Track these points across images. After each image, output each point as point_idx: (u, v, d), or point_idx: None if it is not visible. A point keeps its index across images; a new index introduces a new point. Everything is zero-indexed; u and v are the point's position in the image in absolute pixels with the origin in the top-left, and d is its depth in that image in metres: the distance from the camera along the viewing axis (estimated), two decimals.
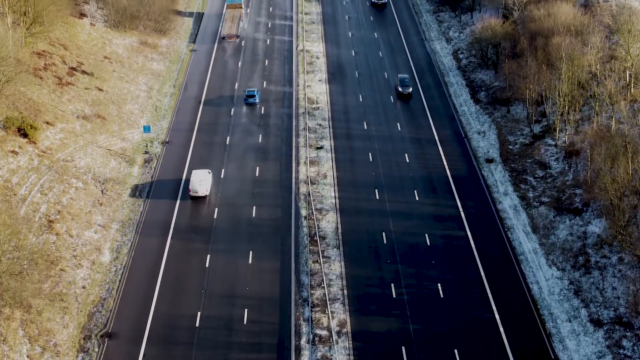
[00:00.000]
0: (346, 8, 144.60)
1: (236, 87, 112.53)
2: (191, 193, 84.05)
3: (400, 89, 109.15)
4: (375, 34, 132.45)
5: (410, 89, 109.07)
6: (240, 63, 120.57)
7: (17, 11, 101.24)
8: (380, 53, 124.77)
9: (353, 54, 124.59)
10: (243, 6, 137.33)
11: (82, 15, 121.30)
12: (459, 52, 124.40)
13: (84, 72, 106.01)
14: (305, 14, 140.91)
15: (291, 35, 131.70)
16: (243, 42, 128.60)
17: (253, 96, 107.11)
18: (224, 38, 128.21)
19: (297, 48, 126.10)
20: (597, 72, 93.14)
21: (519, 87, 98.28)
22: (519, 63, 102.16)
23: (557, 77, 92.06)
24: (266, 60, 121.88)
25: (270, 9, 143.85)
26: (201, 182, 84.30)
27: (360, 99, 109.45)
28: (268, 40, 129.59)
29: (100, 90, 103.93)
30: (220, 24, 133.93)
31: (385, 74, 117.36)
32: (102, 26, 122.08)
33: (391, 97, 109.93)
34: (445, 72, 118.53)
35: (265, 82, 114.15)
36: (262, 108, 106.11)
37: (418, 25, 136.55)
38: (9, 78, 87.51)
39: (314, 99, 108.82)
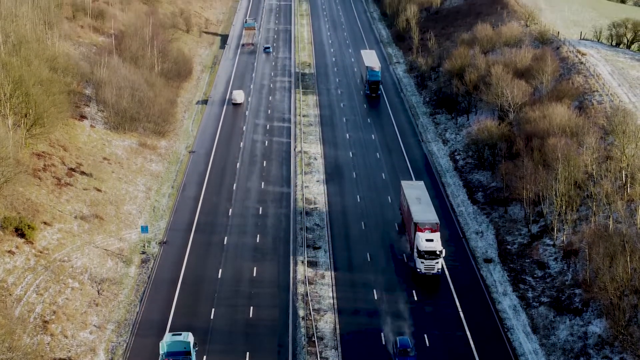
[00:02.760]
0: (344, 110, 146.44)
1: (234, 187, 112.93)
2: None
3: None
4: (373, 135, 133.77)
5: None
6: (238, 164, 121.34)
7: (19, 113, 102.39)
8: (377, 154, 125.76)
9: (351, 155, 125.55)
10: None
11: (83, 117, 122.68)
12: (456, 153, 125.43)
13: (83, 173, 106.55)
14: (304, 116, 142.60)
15: (289, 136, 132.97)
16: (242, 143, 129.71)
17: None
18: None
19: (295, 149, 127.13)
20: (594, 173, 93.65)
21: (516, 188, 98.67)
22: (516, 164, 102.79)
23: (553, 178, 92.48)
24: (264, 161, 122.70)
25: (269, 111, 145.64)
26: None
27: (358, 200, 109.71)
28: (266, 142, 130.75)
29: (99, 190, 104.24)
30: (219, 125, 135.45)
31: (383, 174, 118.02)
32: (102, 128, 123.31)
33: (389, 197, 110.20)
34: (443, 173, 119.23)
35: (263, 183, 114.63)
36: (260, 208, 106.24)
37: (415, 127, 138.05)
38: (8, 178, 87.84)
39: (312, 200, 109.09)
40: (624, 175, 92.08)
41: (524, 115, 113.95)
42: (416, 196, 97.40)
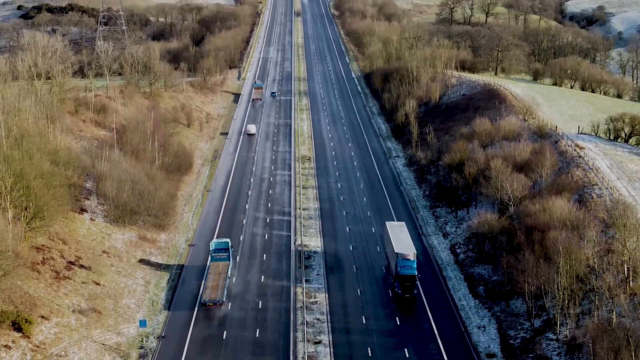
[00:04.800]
0: (344, 204, 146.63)
1: (234, 281, 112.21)
2: None
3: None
4: (373, 228, 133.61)
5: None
6: (238, 257, 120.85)
7: (19, 206, 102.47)
8: (378, 247, 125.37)
9: (351, 248, 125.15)
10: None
11: (83, 210, 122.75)
12: (457, 246, 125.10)
13: (82, 266, 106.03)
14: (304, 209, 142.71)
15: (289, 230, 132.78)
16: (242, 236, 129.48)
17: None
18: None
19: (295, 243, 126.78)
20: (595, 266, 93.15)
21: (517, 281, 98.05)
22: (517, 257, 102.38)
23: (555, 271, 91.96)
24: (264, 255, 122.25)
25: (269, 204, 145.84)
26: None
27: (359, 293, 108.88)
28: (266, 235, 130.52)
29: (98, 284, 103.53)
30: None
31: (383, 268, 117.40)
32: (102, 221, 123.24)
33: (389, 291, 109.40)
34: (443, 267, 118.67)
35: (263, 277, 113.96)
36: (260, 302, 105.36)
37: (415, 220, 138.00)
38: (7, 272, 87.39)
39: (312, 294, 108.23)
40: (625, 269, 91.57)
41: (524, 208, 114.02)
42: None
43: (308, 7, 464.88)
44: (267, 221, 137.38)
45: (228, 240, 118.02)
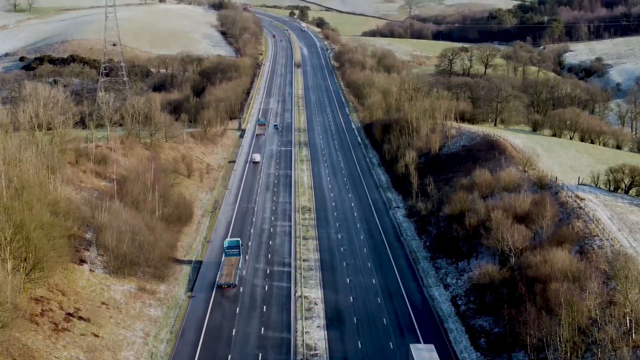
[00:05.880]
0: (344, 255, 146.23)
1: (233, 333, 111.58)
2: None
3: None
4: (373, 280, 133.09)
5: None
6: (238, 309, 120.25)
7: (18, 257, 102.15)
8: (378, 299, 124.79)
9: (351, 300, 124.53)
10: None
11: (82, 261, 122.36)
12: (458, 298, 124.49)
13: (80, 318, 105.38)
14: (304, 260, 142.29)
15: (289, 281, 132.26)
16: (241, 288, 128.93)
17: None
18: (220, 287, 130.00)
19: (295, 294, 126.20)
20: (597, 318, 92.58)
21: (519, 333, 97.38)
22: (519, 309, 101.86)
23: (557, 323, 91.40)
24: (264, 306, 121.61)
25: (269, 255, 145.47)
26: None
27: (359, 345, 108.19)
28: (266, 286, 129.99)
29: (96, 336, 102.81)
30: (219, 271, 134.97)
31: (384, 319, 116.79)
32: (102, 272, 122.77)
33: (390, 343, 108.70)
34: (445, 319, 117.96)
35: (263, 328, 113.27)
36: (260, 354, 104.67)
37: (416, 271, 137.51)
38: (5, 323, 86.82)
39: (313, 346, 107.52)
40: (628, 321, 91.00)
41: (525, 259, 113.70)
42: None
43: (308, 59, 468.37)
44: (267, 272, 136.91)
45: (239, 239, 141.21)
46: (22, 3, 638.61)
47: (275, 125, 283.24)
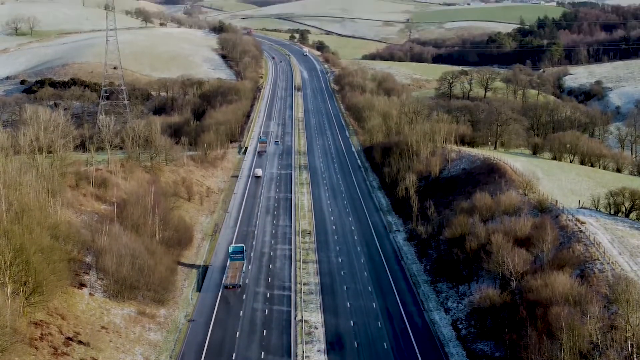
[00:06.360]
0: (344, 278, 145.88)
1: (234, 357, 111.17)
2: None
3: None
4: (374, 303, 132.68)
5: None
6: (238, 332, 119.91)
7: (18, 281, 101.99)
8: (378, 323, 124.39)
9: (352, 324, 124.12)
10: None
11: (82, 285, 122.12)
12: (458, 322, 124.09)
13: (80, 342, 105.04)
14: (304, 284, 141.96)
15: (289, 305, 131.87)
16: (241, 312, 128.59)
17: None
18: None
19: (295, 318, 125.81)
20: (599, 342, 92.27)
21: (520, 358, 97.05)
22: (519, 333, 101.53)
23: (558, 347, 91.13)
24: (264, 330, 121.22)
25: (269, 279, 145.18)
26: None
27: None
28: (266, 310, 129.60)
29: None
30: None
31: (385, 344, 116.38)
32: (101, 296, 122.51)
33: None
34: (445, 343, 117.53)
35: (263, 353, 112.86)
36: None
37: (416, 295, 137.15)
38: (4, 348, 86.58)
39: None
40: (629, 345, 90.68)
41: (526, 283, 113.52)
42: None
43: (308, 82, 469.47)
44: (267, 296, 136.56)
45: (243, 245, 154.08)
46: (23, 27, 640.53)
47: (276, 141, 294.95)
